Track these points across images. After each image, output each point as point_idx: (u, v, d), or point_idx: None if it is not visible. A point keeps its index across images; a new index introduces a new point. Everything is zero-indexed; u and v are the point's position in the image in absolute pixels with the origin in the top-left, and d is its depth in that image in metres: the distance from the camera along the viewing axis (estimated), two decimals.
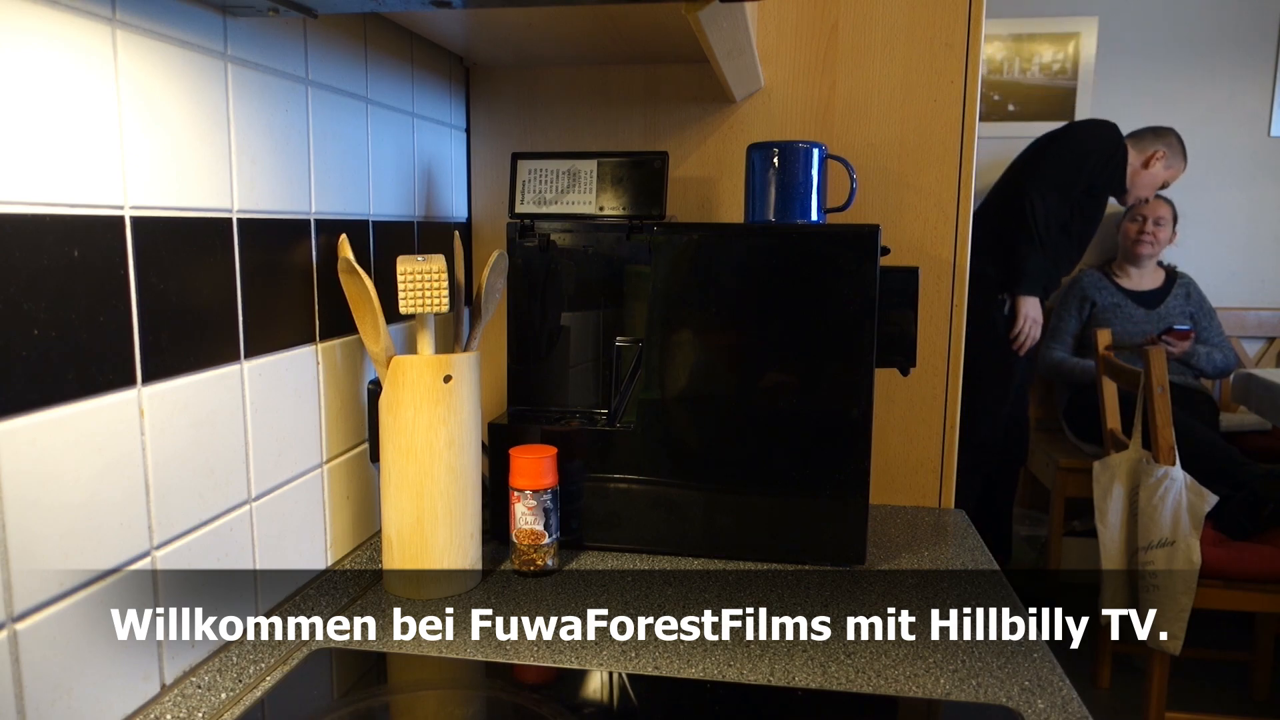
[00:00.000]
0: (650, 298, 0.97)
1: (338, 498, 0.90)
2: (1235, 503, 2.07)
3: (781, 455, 0.95)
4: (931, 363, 1.15)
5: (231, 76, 0.71)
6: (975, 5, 1.09)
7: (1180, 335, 2.57)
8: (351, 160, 0.91)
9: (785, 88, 1.14)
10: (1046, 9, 3.13)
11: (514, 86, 1.19)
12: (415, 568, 0.86)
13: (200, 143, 0.68)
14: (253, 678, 0.72)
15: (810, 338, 0.93)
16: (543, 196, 1.01)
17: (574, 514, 0.99)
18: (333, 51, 0.86)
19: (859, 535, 0.95)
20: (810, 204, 0.99)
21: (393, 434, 0.85)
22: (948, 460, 1.17)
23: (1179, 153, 2.73)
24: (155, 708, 0.64)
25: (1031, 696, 0.70)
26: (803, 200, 0.99)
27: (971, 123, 1.11)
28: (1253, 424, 2.80)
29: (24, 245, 0.52)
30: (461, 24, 0.97)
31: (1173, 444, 1.91)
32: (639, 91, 1.17)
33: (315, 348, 0.85)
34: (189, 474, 0.68)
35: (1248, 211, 3.14)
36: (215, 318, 0.70)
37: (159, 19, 0.63)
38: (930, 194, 1.13)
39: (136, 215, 0.61)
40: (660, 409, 0.97)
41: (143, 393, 0.62)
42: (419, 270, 0.85)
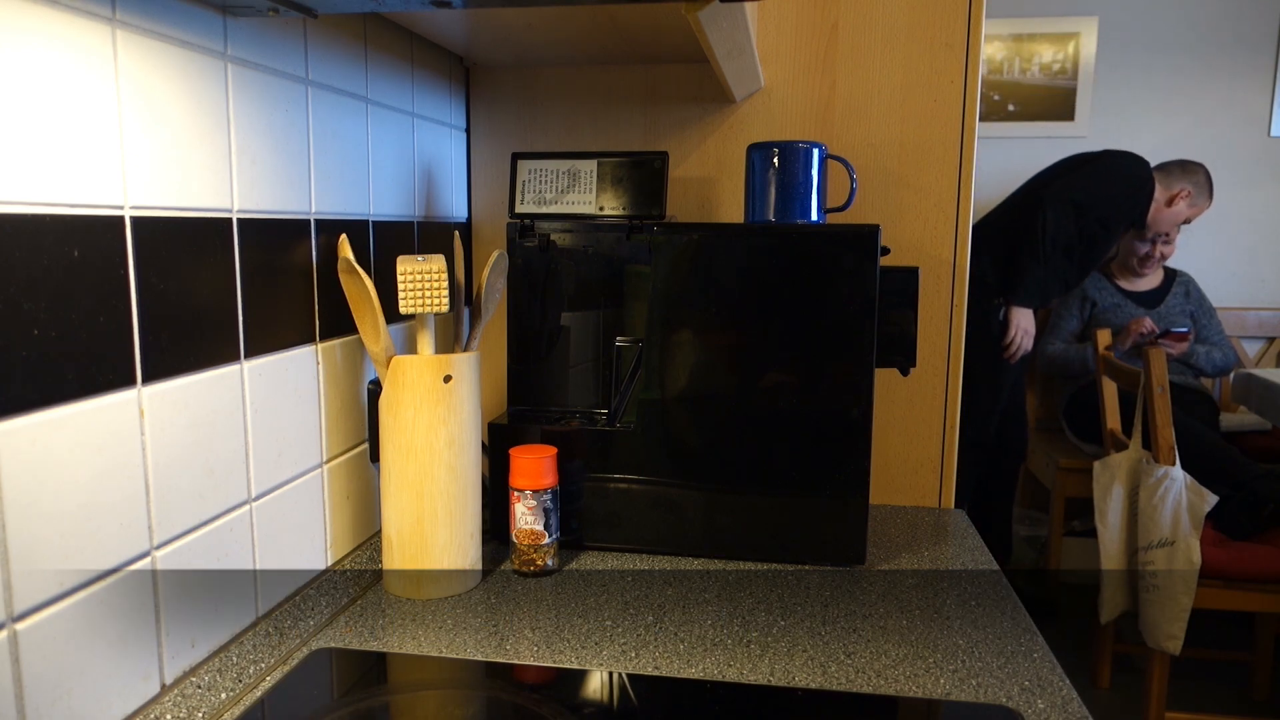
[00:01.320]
0: (650, 298, 0.97)
1: (338, 498, 0.90)
2: (1235, 503, 2.07)
3: (781, 455, 0.95)
4: (931, 363, 1.15)
5: (231, 76, 0.71)
6: (975, 5, 1.09)
7: (1178, 338, 2.57)
8: (351, 160, 0.91)
9: (785, 88, 1.14)
10: (1046, 9, 3.13)
11: (514, 86, 1.20)
12: (415, 568, 0.86)
13: (200, 143, 0.68)
14: (253, 678, 0.72)
15: (810, 338, 0.93)
16: (543, 196, 1.01)
17: (574, 514, 1.00)
18: (333, 51, 0.86)
19: (859, 535, 0.95)
20: (810, 204, 0.99)
21: (393, 434, 0.85)
22: (948, 460, 1.17)
23: (1205, 191, 2.67)
24: (155, 708, 0.64)
25: (1031, 696, 0.70)
26: (803, 200, 0.99)
27: (971, 123, 1.11)
28: (1253, 424, 2.81)
29: (24, 245, 0.52)
30: (461, 24, 0.97)
31: (1173, 444, 1.91)
32: (639, 91, 1.17)
33: (315, 348, 0.85)
34: (189, 474, 0.68)
35: (1248, 211, 3.14)
36: (215, 318, 0.70)
37: (159, 19, 0.63)
38: (930, 194, 1.13)
39: (136, 215, 0.61)
40: (660, 409, 0.97)
41: (143, 393, 0.62)
42: (419, 270, 0.85)
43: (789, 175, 0.99)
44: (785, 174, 0.99)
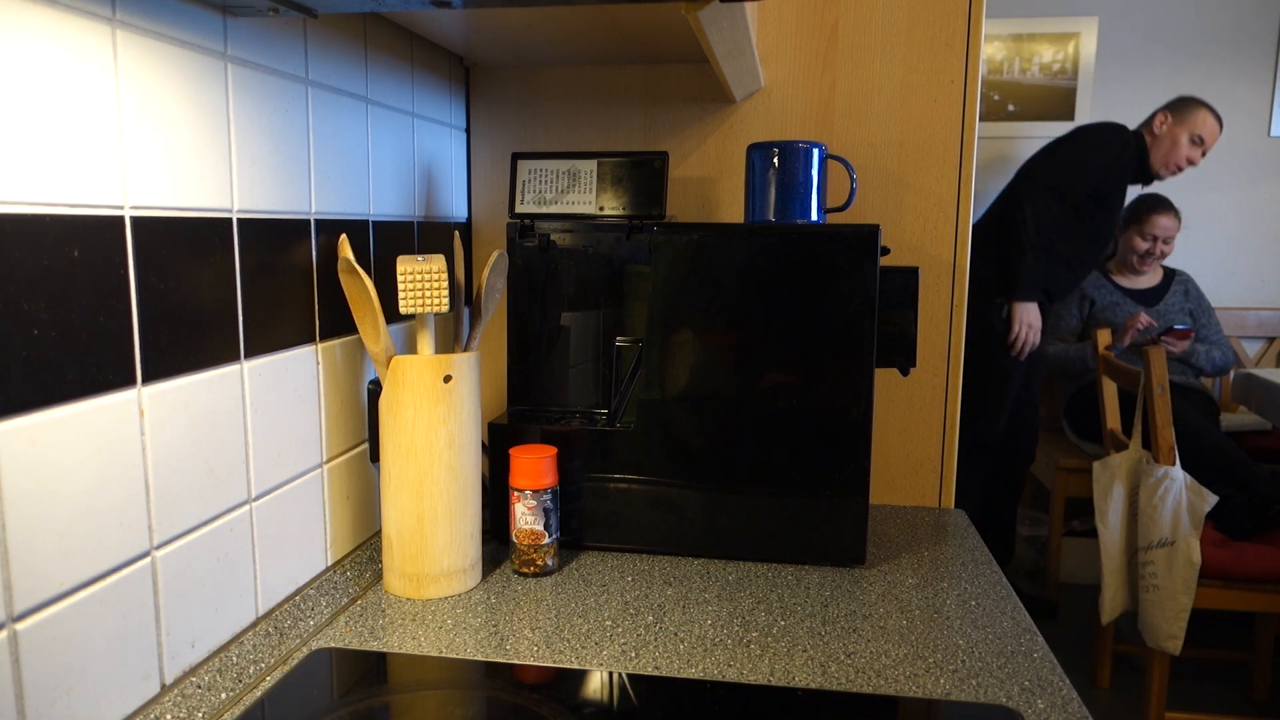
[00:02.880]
0: (650, 298, 0.97)
1: (338, 498, 0.90)
2: (1238, 503, 2.06)
3: (781, 455, 0.95)
4: (931, 363, 1.15)
5: (231, 76, 0.71)
6: (975, 5, 1.09)
7: (1180, 335, 2.57)
8: (351, 160, 0.91)
9: (785, 88, 1.14)
10: (1046, 9, 3.13)
11: (514, 86, 1.19)
12: (415, 568, 0.86)
13: (200, 143, 0.68)
14: (253, 678, 0.72)
15: (810, 338, 0.93)
16: (543, 196, 1.01)
17: (574, 514, 1.00)
18: (333, 51, 0.86)
19: (859, 535, 0.95)
20: (810, 204, 0.99)
21: (393, 434, 0.85)
22: (948, 460, 1.17)
23: (1199, 112, 2.57)
24: (155, 708, 0.64)
25: (1031, 696, 0.70)
26: (803, 200, 0.99)
27: (971, 123, 1.11)
28: (1253, 424, 2.81)
29: (24, 245, 0.52)
30: (461, 24, 0.97)
31: (1173, 444, 1.91)
32: (639, 91, 1.17)
33: (315, 348, 0.85)
34: (189, 474, 0.68)
35: (1248, 211, 3.14)
36: (215, 318, 0.70)
37: (159, 19, 0.63)
38: (930, 194, 1.13)
39: (136, 215, 0.61)
40: (660, 409, 0.97)
41: (143, 392, 0.62)
42: (419, 270, 0.85)
43: (789, 175, 0.99)
44: (785, 174, 0.99)
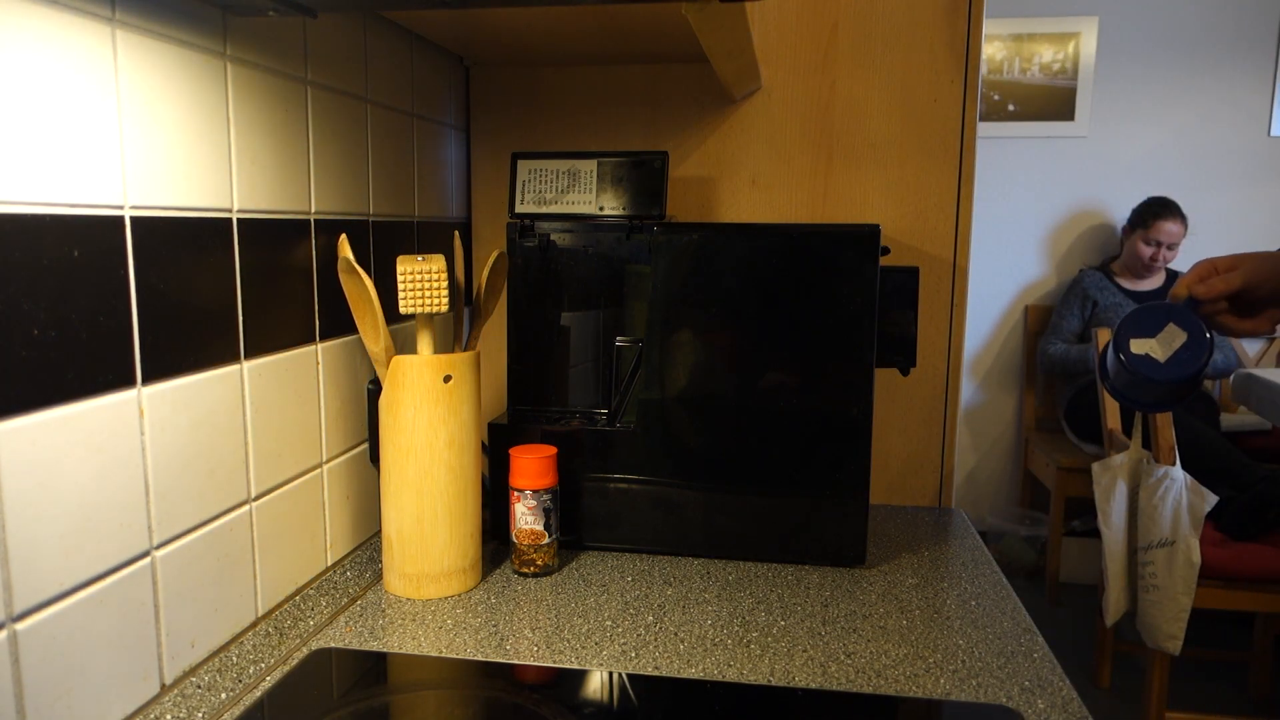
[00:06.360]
0: (650, 298, 0.97)
1: (338, 498, 0.90)
2: (1239, 504, 2.06)
3: (781, 455, 0.95)
4: (931, 363, 1.15)
5: (231, 76, 0.71)
6: (975, 5, 1.09)
7: None
8: (351, 160, 0.91)
9: (785, 88, 1.14)
10: (1046, 9, 3.13)
11: (514, 86, 1.19)
12: (415, 568, 0.86)
13: (200, 142, 0.68)
14: (253, 678, 0.72)
15: (810, 338, 0.93)
16: (543, 196, 1.01)
17: (574, 514, 0.99)
18: (332, 51, 0.86)
19: (859, 535, 0.95)
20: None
21: (393, 434, 0.85)
22: (948, 460, 1.17)
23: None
24: (155, 708, 0.64)
25: (1031, 696, 0.70)
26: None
27: (971, 123, 1.11)
28: (1253, 424, 2.81)
29: (24, 245, 0.52)
30: (461, 23, 0.97)
31: (1173, 444, 1.91)
32: (639, 91, 1.17)
33: (315, 348, 0.85)
34: (189, 474, 0.68)
35: (1248, 211, 3.14)
36: (215, 318, 0.70)
37: (158, 19, 0.63)
38: (930, 194, 1.13)
39: (136, 215, 0.61)
40: (660, 409, 0.97)
41: (143, 392, 0.62)
42: (419, 270, 0.85)
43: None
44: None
